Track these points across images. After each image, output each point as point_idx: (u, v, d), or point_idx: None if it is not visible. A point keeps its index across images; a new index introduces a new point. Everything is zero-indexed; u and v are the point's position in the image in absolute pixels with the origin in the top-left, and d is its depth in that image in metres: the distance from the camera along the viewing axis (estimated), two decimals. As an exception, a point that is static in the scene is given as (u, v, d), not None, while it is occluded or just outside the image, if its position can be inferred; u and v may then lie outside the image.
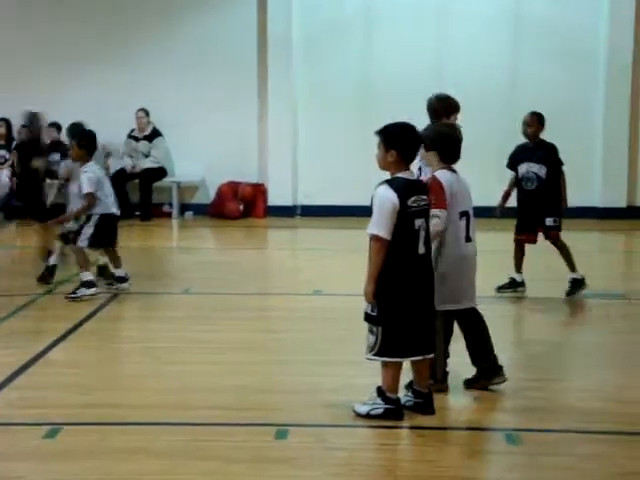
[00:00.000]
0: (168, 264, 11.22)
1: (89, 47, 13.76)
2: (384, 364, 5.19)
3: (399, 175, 5.08)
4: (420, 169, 6.15)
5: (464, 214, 5.54)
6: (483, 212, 12.15)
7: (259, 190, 13.96)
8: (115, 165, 13.78)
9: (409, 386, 5.38)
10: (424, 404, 5.30)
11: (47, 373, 6.16)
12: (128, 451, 4.80)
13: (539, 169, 8.24)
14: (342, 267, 9.67)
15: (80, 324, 7.40)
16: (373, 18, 13.61)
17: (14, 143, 12.97)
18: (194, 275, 9.74)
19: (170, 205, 13.95)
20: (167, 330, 7.32)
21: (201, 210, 14.00)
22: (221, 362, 6.40)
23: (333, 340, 6.92)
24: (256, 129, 13.94)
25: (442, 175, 5.50)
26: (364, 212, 5.63)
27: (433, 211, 5.27)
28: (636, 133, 13.64)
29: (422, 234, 5.08)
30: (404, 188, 5.03)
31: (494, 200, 8.58)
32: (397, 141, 5.09)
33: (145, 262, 10.76)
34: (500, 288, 8.40)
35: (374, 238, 5.03)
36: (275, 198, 13.95)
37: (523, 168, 8.31)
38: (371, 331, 5.17)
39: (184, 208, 14.12)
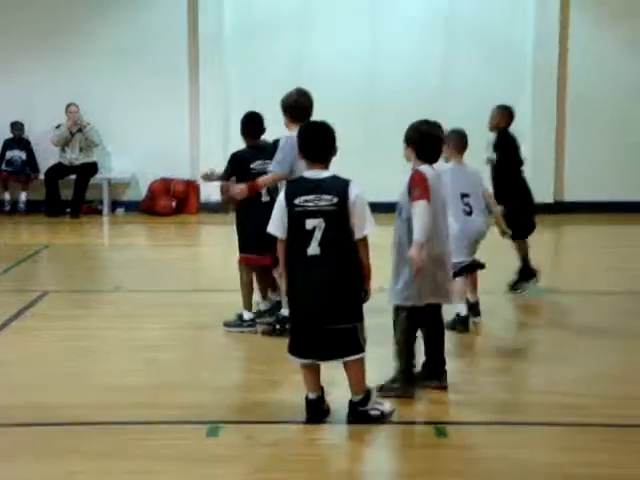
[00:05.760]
0: (98, 261, 11.08)
1: (15, 38, 13.47)
2: None
3: (304, 174, 5.09)
4: None
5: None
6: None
7: (191, 187, 13.87)
8: (46, 159, 13.57)
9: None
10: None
11: (-27, 373, 6.06)
12: (57, 452, 4.75)
13: None
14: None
15: (7, 322, 7.28)
16: (307, 16, 13.56)
17: None
18: (125, 272, 9.64)
19: (101, 202, 13.77)
20: (97, 328, 7.23)
21: (133, 207, 13.86)
22: (152, 360, 6.35)
23: (261, 337, 6.91)
24: (188, 125, 13.83)
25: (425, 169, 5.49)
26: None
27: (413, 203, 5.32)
28: (562, 131, 13.94)
29: (317, 235, 4.91)
30: (295, 187, 5.06)
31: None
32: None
33: (75, 259, 10.63)
34: None
35: None
36: (207, 195, 13.85)
37: None
38: None
39: (115, 205, 13.95)
